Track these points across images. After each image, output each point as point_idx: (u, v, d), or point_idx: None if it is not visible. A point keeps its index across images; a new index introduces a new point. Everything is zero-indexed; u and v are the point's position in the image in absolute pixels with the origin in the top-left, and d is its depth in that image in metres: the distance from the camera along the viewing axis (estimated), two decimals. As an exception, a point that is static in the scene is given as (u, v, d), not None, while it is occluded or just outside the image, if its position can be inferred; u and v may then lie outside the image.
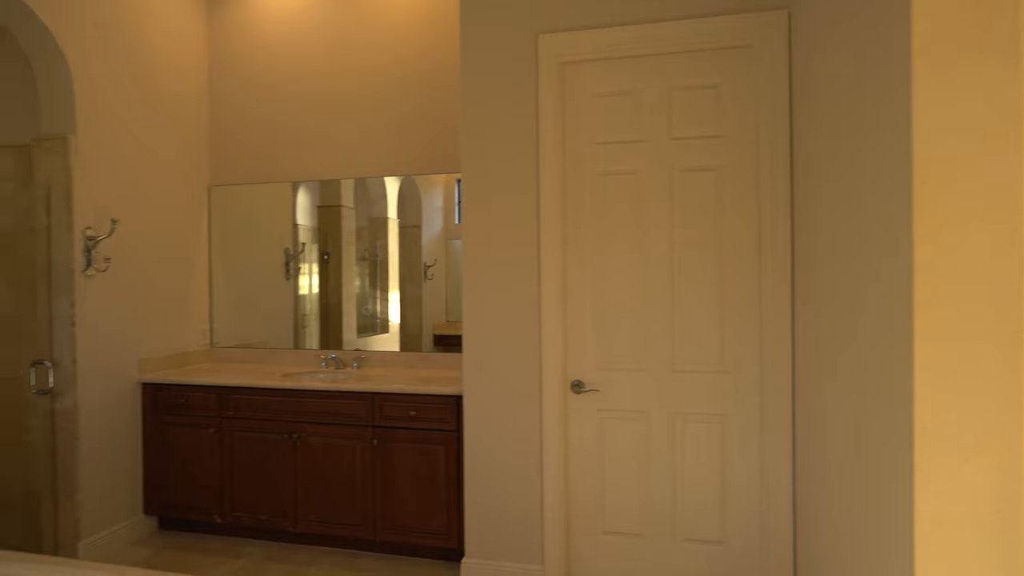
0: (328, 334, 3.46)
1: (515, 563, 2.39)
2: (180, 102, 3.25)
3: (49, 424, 2.65)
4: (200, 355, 3.36)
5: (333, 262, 3.52)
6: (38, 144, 2.62)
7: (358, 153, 3.31)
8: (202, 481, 2.86)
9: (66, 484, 2.62)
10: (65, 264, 2.60)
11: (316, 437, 2.71)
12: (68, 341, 2.60)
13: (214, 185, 3.47)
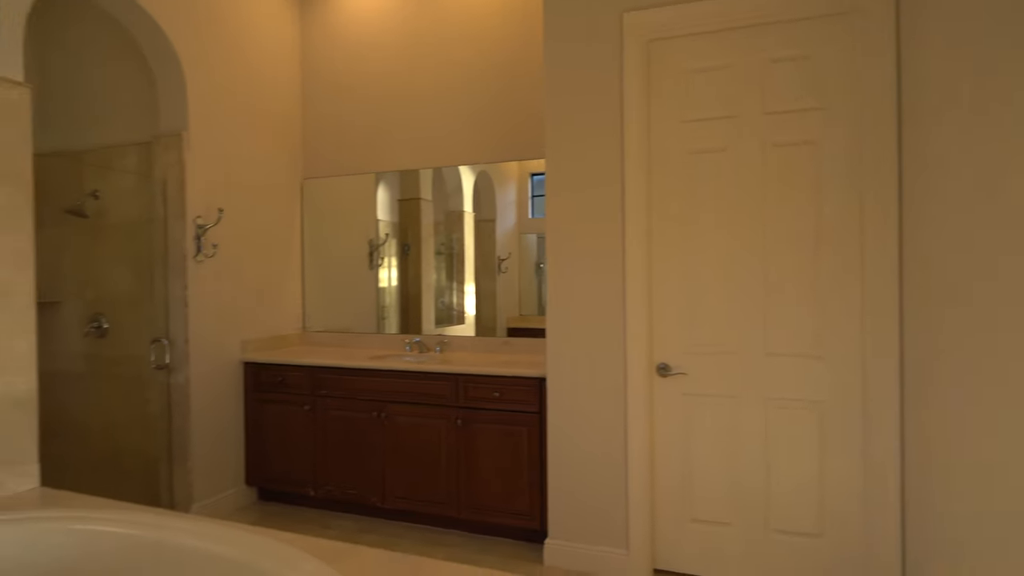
0: (408, 323, 3.57)
1: (598, 546, 2.38)
2: (276, 100, 3.46)
3: (165, 397, 2.89)
4: (294, 338, 3.56)
5: (413, 254, 3.63)
6: (157, 141, 2.87)
7: (437, 144, 3.40)
8: (297, 455, 3.03)
9: (180, 452, 2.85)
10: (179, 250, 2.83)
11: (402, 416, 2.81)
12: (182, 321, 2.83)
13: (306, 178, 3.66)
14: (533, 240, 3.35)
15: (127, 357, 2.99)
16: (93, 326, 3.05)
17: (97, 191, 3.06)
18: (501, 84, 3.23)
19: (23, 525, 1.72)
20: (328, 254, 3.71)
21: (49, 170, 3.00)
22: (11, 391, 2.07)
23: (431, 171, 3.50)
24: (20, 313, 2.11)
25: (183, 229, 2.82)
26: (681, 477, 2.33)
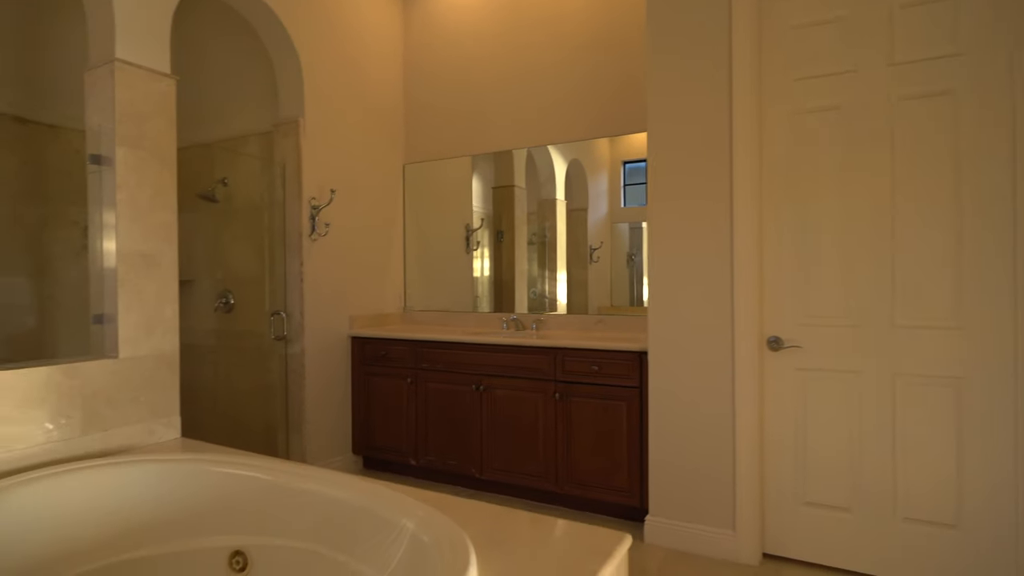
0: (502, 308, 3.63)
1: (703, 526, 2.30)
2: (380, 87, 3.63)
3: (283, 367, 3.11)
4: (395, 317, 3.72)
5: (506, 241, 3.67)
6: (276, 128, 3.10)
7: (532, 123, 3.43)
8: (399, 426, 3.16)
9: (296, 419, 3.07)
10: (296, 229, 3.04)
11: (501, 389, 2.85)
12: (298, 296, 3.04)
13: (407, 163, 3.81)
14: (625, 230, 3.29)
15: (250, 330, 3.26)
16: (222, 302, 3.35)
17: (225, 178, 3.35)
18: (597, 58, 3.21)
19: (175, 465, 1.92)
20: (427, 237, 3.84)
21: (185, 161, 3.32)
22: (161, 351, 2.31)
23: (524, 159, 3.53)
24: (167, 281, 2.35)
25: (299, 209, 3.02)
26: (794, 457, 2.20)
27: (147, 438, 2.25)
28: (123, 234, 2.19)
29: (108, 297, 2.20)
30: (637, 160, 3.22)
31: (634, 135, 3.16)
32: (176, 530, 1.84)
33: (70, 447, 2.02)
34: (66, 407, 2.01)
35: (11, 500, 1.62)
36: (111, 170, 2.19)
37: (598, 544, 1.41)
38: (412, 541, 1.46)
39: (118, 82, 2.18)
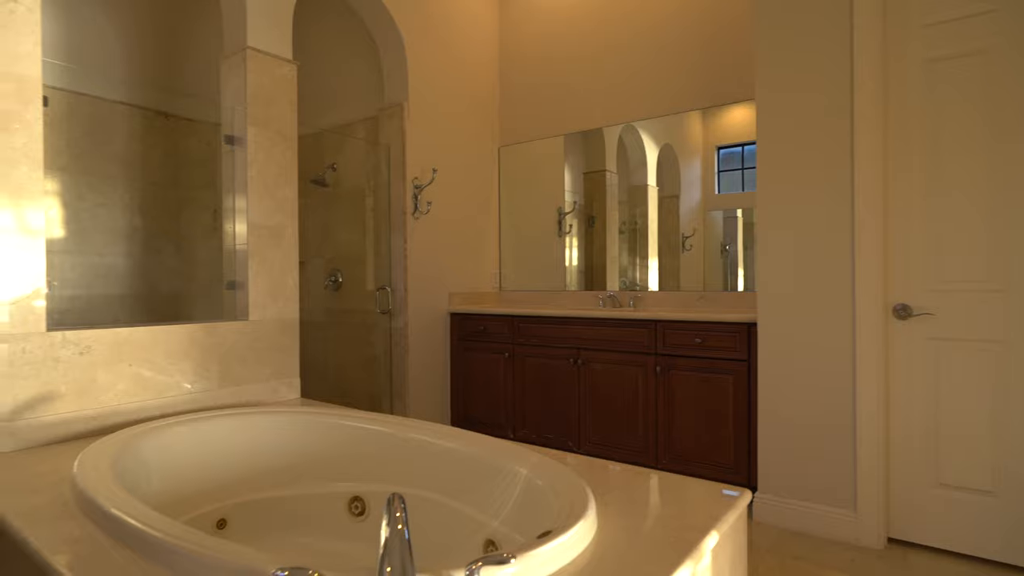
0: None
1: (819, 505, 2.18)
2: (476, 71, 3.72)
3: (387, 340, 3.27)
4: (490, 296, 3.80)
5: (597, 226, 3.65)
6: (382, 112, 3.26)
7: (626, 99, 3.39)
8: (497, 399, 3.23)
9: (399, 389, 3.21)
10: (400, 208, 3.18)
11: (598, 363, 2.84)
12: (401, 272, 3.18)
13: (502, 145, 3.88)
14: (719, 218, 3.17)
15: (356, 306, 3.44)
16: (331, 280, 3.56)
17: (334, 164, 3.56)
18: (688, 25, 3.13)
19: (301, 417, 2.07)
20: (520, 219, 3.89)
21: (298, 148, 3.58)
22: (283, 316, 2.50)
23: (615, 143, 3.50)
24: (289, 253, 2.54)
25: (403, 189, 3.16)
26: (924, 434, 2.04)
27: (271, 395, 2.44)
28: (253, 208, 2.39)
29: (240, 266, 2.41)
30: (732, 145, 3.10)
31: (730, 115, 3.04)
32: (301, 475, 1.98)
33: (209, 398, 2.23)
34: (206, 361, 2.22)
35: (166, 438, 1.82)
36: (243, 150, 2.39)
37: (716, 496, 1.38)
38: (526, 486, 1.49)
39: (249, 68, 2.37)
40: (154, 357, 2.08)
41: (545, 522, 1.26)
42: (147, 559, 1.06)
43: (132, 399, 2.01)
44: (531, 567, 0.97)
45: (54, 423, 1.83)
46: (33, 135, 1.81)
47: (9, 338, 1.75)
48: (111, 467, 1.46)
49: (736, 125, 3.05)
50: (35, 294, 1.82)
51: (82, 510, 1.28)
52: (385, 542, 0.89)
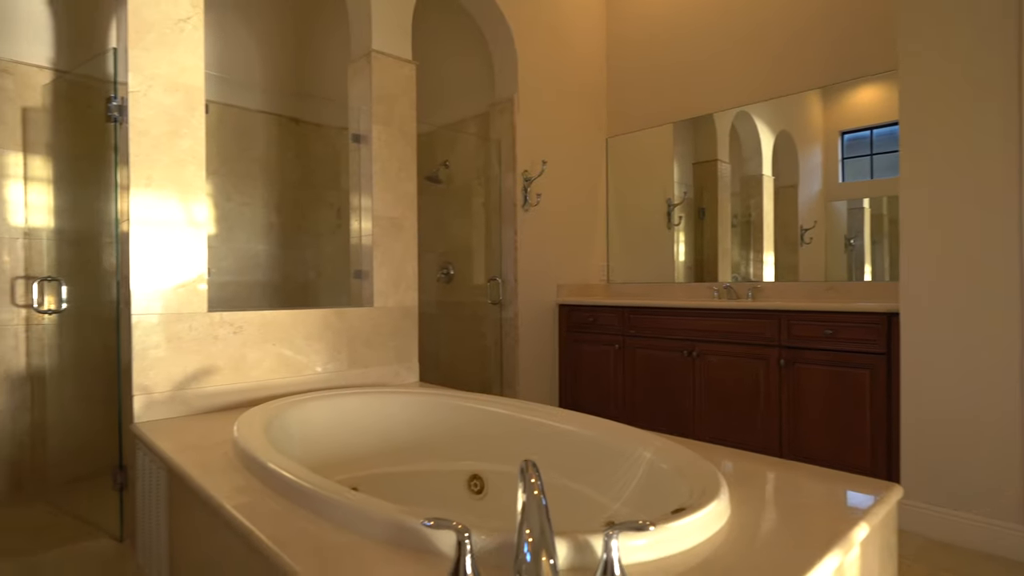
0: (704, 286, 3.47)
1: (974, 514, 1.96)
2: (584, 61, 3.71)
3: (497, 330, 3.34)
4: (598, 288, 3.78)
5: (708, 218, 3.50)
6: (493, 108, 3.34)
7: (736, 82, 3.22)
8: (606, 390, 3.20)
9: (509, 378, 3.27)
10: (510, 200, 3.24)
11: (715, 355, 2.73)
12: (511, 263, 3.24)
13: (611, 136, 3.84)
14: (843, 208, 2.92)
15: (467, 298, 3.56)
16: (443, 273, 3.71)
17: (447, 160, 3.70)
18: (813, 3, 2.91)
19: (425, 398, 2.17)
20: (628, 211, 3.83)
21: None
22: (404, 303, 2.63)
23: (727, 131, 3.34)
24: (409, 242, 2.66)
25: (513, 181, 3.22)
26: (1114, 442, 1.77)
27: (393, 378, 2.58)
28: (378, 201, 2.54)
29: (365, 256, 2.57)
30: (858, 129, 2.85)
31: (855, 96, 2.81)
32: (424, 453, 2.08)
33: (339, 378, 2.40)
34: (337, 344, 2.40)
35: (306, 411, 1.98)
36: (368, 147, 2.55)
37: (859, 490, 1.28)
38: (649, 469, 1.47)
39: (374, 69, 2.53)
40: (293, 338, 2.27)
41: (672, 505, 1.23)
42: (303, 508, 1.16)
43: (275, 375, 2.21)
44: (668, 538, 0.96)
45: (213, 393, 2.05)
46: (197, 138, 2.05)
47: (180, 317, 1.99)
48: (263, 432, 1.61)
49: (863, 106, 2.81)
50: (199, 279, 2.05)
51: (244, 465, 1.43)
52: (522, 506, 0.92)
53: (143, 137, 1.92)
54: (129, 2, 1.89)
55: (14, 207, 2.57)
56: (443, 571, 0.91)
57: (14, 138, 2.57)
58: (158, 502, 1.65)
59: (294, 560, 0.96)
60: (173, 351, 1.97)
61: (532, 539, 0.88)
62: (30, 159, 2.61)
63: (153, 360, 1.93)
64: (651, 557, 0.95)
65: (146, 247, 1.93)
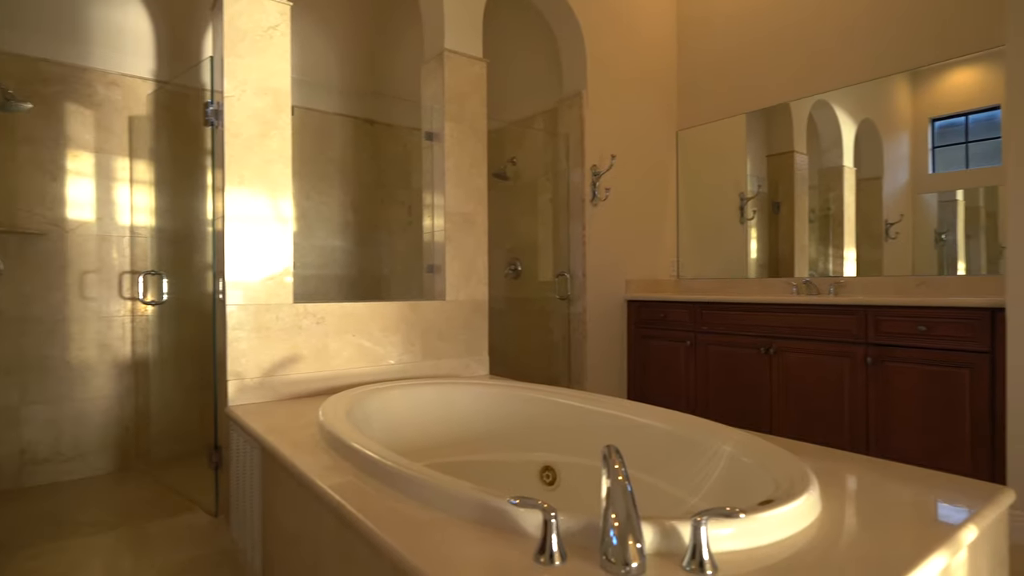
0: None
1: (1095, 529, 1.79)
2: (654, 53, 3.65)
3: (565, 326, 3.34)
4: (668, 284, 3.70)
5: (784, 212, 3.36)
6: (561, 103, 3.35)
7: (813, 68, 3.08)
8: (677, 387, 3.13)
9: (577, 373, 3.26)
10: (579, 196, 3.23)
11: (794, 353, 2.63)
12: (580, 258, 3.23)
13: (681, 129, 3.76)
14: (932, 201, 2.73)
15: (534, 294, 3.57)
16: (511, 268, 3.74)
17: (514, 157, 3.73)
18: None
19: (498, 390, 2.20)
20: (699, 206, 3.74)
21: (482, 145, 3.81)
22: (475, 297, 2.67)
23: (804, 121, 3.20)
24: (480, 237, 2.71)
25: (581, 176, 3.21)
26: None
27: (463, 370, 2.63)
28: (450, 197, 2.60)
29: (437, 251, 2.64)
30: (951, 115, 2.66)
31: (947, 79, 2.62)
32: (496, 443, 2.11)
33: (413, 368, 2.47)
34: (412, 336, 2.47)
35: (385, 399, 2.05)
36: (440, 144, 2.61)
37: (963, 491, 1.20)
38: (730, 463, 1.43)
39: (447, 68, 2.59)
40: (371, 330, 2.36)
41: (755, 500, 1.20)
42: (389, 487, 1.21)
43: (354, 365, 2.31)
44: (758, 528, 0.94)
45: (297, 380, 2.17)
46: (284, 139, 2.17)
47: (268, 308, 2.11)
48: (346, 417, 1.68)
49: (956, 90, 2.62)
50: (285, 272, 2.17)
51: (331, 446, 1.50)
52: (607, 491, 0.92)
53: (236, 139, 2.05)
54: (225, 13, 2.02)
55: (121, 208, 2.80)
56: (528, 549, 0.93)
57: (121, 145, 2.81)
58: (252, 480, 1.76)
59: (386, 533, 1.00)
60: (262, 340, 2.09)
61: (618, 523, 0.88)
62: (135, 164, 2.84)
63: (245, 348, 2.06)
64: (739, 547, 0.93)
65: (239, 242, 2.06)
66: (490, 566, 0.89)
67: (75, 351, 2.68)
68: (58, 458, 2.63)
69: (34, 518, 2.20)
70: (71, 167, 2.68)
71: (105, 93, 2.75)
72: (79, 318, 2.69)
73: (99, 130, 2.74)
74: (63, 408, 2.65)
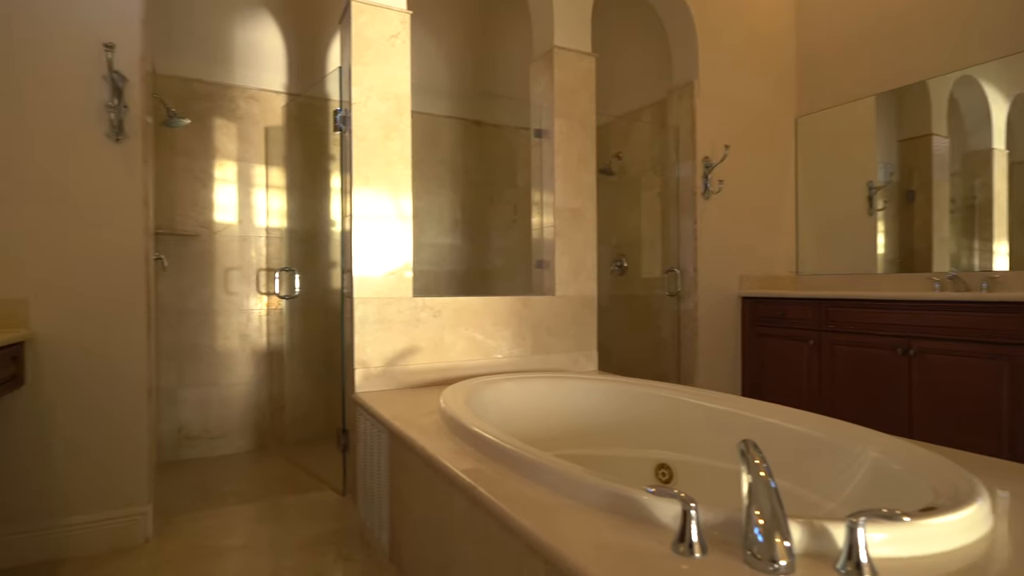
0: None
1: None
2: (770, 38, 3.45)
3: (675, 323, 3.25)
4: (786, 279, 3.49)
5: (919, 201, 3.05)
6: (670, 94, 3.26)
7: (957, 39, 2.75)
8: (798, 389, 2.94)
9: (687, 372, 3.16)
10: (689, 188, 3.13)
11: (938, 354, 2.38)
12: (691, 253, 3.13)
13: (800, 116, 3.53)
14: None
15: (640, 291, 3.50)
16: (616, 265, 3.69)
17: (619, 152, 3.68)
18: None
19: (611, 385, 2.18)
20: (822, 196, 3.49)
21: (586, 142, 3.79)
22: (584, 292, 2.67)
23: (945, 100, 2.88)
24: (589, 233, 2.70)
25: (692, 168, 3.11)
26: None
27: (572, 366, 2.64)
28: (559, 193, 2.61)
29: (547, 246, 2.66)
30: None
31: None
32: (609, 438, 2.09)
33: (523, 362, 2.51)
34: (522, 330, 2.51)
35: (500, 390, 2.10)
36: (550, 141, 2.63)
37: None
38: (875, 468, 1.33)
39: (556, 65, 2.60)
40: (484, 323, 2.42)
41: (907, 508, 1.10)
42: (516, 472, 1.24)
43: (467, 357, 2.38)
44: (923, 535, 0.86)
45: (416, 371, 2.27)
46: (405, 140, 2.28)
47: (390, 301, 2.23)
48: (465, 405, 1.74)
49: None
50: (405, 267, 2.28)
51: (454, 432, 1.56)
52: (749, 487, 0.89)
53: (362, 142, 2.19)
54: (353, 24, 2.16)
55: (258, 211, 3.08)
56: (663, 539, 0.92)
57: (259, 153, 3.08)
58: (379, 462, 1.86)
59: (519, 515, 1.03)
60: (385, 331, 2.21)
61: (763, 520, 0.85)
62: (270, 170, 3.11)
63: (369, 339, 2.19)
64: (899, 553, 0.86)
65: (365, 239, 2.20)
66: (628, 552, 0.89)
67: (221, 340, 2.98)
68: (207, 435, 2.94)
69: (190, 487, 2.48)
70: (217, 175, 2.98)
71: (245, 107, 3.03)
72: (224, 310, 2.99)
73: (240, 141, 3.03)
74: (211, 392, 2.95)
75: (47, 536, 1.82)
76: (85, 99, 1.87)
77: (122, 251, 1.92)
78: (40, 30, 1.82)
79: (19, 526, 1.79)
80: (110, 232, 1.91)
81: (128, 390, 1.93)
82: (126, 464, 1.92)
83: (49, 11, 1.83)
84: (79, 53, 1.86)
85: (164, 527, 2.05)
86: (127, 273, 1.93)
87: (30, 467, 1.81)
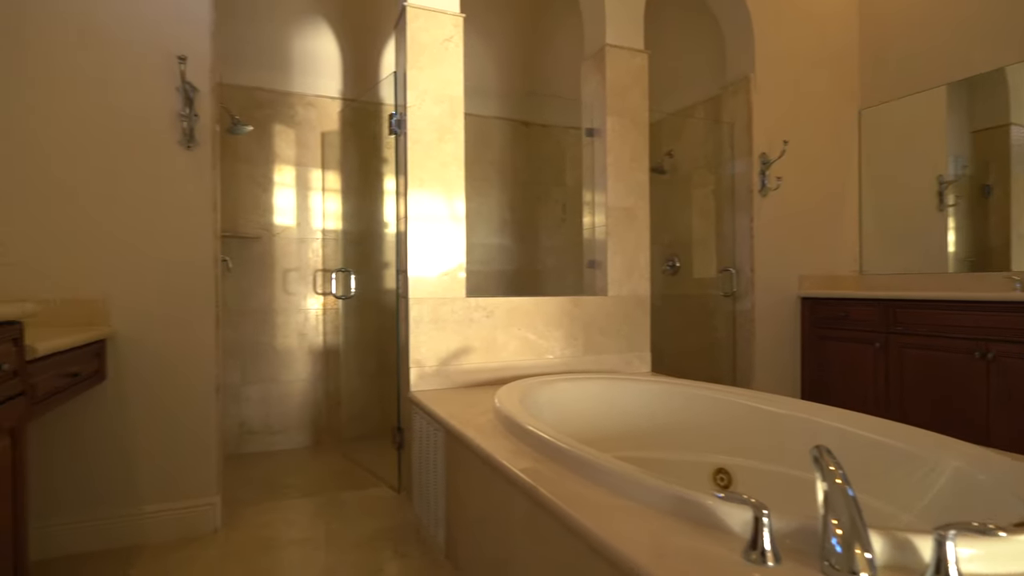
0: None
1: None
2: (831, 29, 3.32)
3: (730, 324, 3.16)
4: (849, 280, 3.35)
5: (996, 196, 2.86)
6: (725, 90, 3.18)
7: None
8: (863, 393, 2.82)
9: (744, 375, 3.07)
10: (745, 186, 3.04)
11: (1018, 359, 2.23)
12: (747, 252, 3.04)
13: (864, 108, 3.38)
14: None
15: (693, 291, 3.43)
16: (668, 265, 3.63)
17: (671, 150, 3.62)
18: None
19: (666, 387, 2.14)
20: (887, 192, 3.33)
21: (637, 140, 3.74)
22: (637, 292, 2.63)
23: None
24: (642, 232, 2.66)
25: (749, 165, 3.02)
26: None
27: (625, 366, 2.60)
28: (611, 192, 2.58)
29: (599, 246, 2.63)
30: None
31: None
32: (664, 441, 2.05)
33: (576, 363, 2.49)
34: (573, 330, 2.49)
35: (554, 390, 2.09)
36: (602, 140, 2.60)
37: None
38: (957, 479, 1.26)
39: (608, 63, 2.58)
40: (535, 323, 2.42)
41: (996, 522, 1.03)
42: (575, 473, 1.23)
43: (520, 357, 2.38)
44: (1021, 552, 0.81)
45: (469, 370, 2.29)
46: (458, 142, 2.30)
47: (443, 301, 2.26)
48: (520, 405, 1.74)
49: None
50: (459, 267, 2.30)
51: (510, 432, 1.56)
52: (825, 495, 0.86)
53: (417, 145, 2.22)
54: (408, 29, 2.20)
55: (315, 213, 3.17)
56: (732, 546, 0.89)
57: (315, 158, 3.18)
58: (435, 460, 1.89)
59: (580, 515, 1.02)
60: (438, 331, 2.24)
61: (842, 530, 0.81)
62: (326, 174, 3.20)
63: (424, 338, 2.22)
64: (991, 570, 0.81)
65: (419, 240, 2.23)
66: (696, 557, 0.87)
67: (280, 339, 3.09)
68: (267, 431, 3.05)
69: (253, 480, 2.57)
70: (277, 179, 3.08)
71: (303, 113, 3.13)
72: (283, 310, 3.09)
73: (298, 146, 3.13)
74: (271, 388, 3.06)
75: (127, 522, 1.92)
76: (160, 109, 1.97)
77: (194, 253, 2.02)
78: (120, 44, 1.93)
79: (103, 511, 1.90)
80: (182, 235, 2.01)
81: (197, 386, 2.02)
82: (196, 456, 2.02)
83: (127, 26, 1.94)
84: (154, 65, 1.97)
85: (231, 518, 2.14)
86: (198, 275, 2.02)
87: (111, 457, 1.92)
